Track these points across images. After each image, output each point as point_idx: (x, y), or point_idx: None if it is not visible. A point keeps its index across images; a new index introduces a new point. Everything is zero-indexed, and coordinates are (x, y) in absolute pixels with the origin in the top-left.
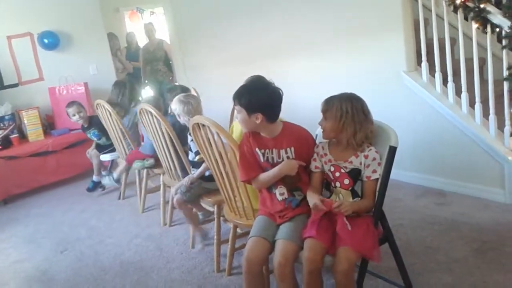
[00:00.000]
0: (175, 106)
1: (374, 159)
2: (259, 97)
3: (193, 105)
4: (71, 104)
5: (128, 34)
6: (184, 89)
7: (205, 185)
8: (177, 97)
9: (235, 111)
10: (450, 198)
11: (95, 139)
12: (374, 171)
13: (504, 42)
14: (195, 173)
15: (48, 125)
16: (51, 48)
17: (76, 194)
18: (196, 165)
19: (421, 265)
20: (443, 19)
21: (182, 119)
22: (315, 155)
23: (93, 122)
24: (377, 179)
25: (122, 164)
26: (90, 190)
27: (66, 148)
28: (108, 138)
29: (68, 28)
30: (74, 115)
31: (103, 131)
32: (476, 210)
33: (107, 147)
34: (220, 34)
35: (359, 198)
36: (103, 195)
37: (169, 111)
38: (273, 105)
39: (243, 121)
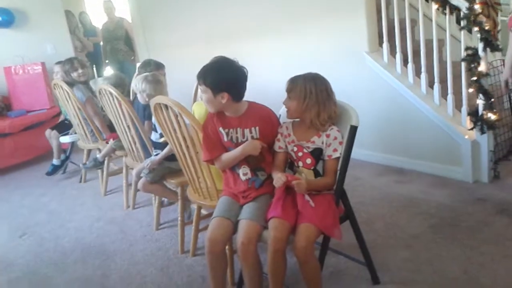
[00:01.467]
0: (144, 86)
1: (335, 138)
2: (225, 76)
3: (163, 83)
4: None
5: (81, 15)
6: (159, 65)
7: (168, 165)
8: (143, 76)
9: (199, 91)
10: (410, 176)
11: None
12: (335, 150)
13: (462, 23)
14: (158, 155)
15: (5, 106)
16: (5, 26)
17: (36, 177)
18: (158, 145)
19: (381, 242)
20: (404, 1)
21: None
22: (279, 135)
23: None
24: (338, 157)
25: (106, 147)
26: (49, 174)
27: (24, 130)
28: None
29: (23, 5)
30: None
31: None
32: (434, 188)
33: (69, 128)
34: (183, 12)
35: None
36: (64, 179)
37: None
38: (239, 84)
39: (208, 101)
